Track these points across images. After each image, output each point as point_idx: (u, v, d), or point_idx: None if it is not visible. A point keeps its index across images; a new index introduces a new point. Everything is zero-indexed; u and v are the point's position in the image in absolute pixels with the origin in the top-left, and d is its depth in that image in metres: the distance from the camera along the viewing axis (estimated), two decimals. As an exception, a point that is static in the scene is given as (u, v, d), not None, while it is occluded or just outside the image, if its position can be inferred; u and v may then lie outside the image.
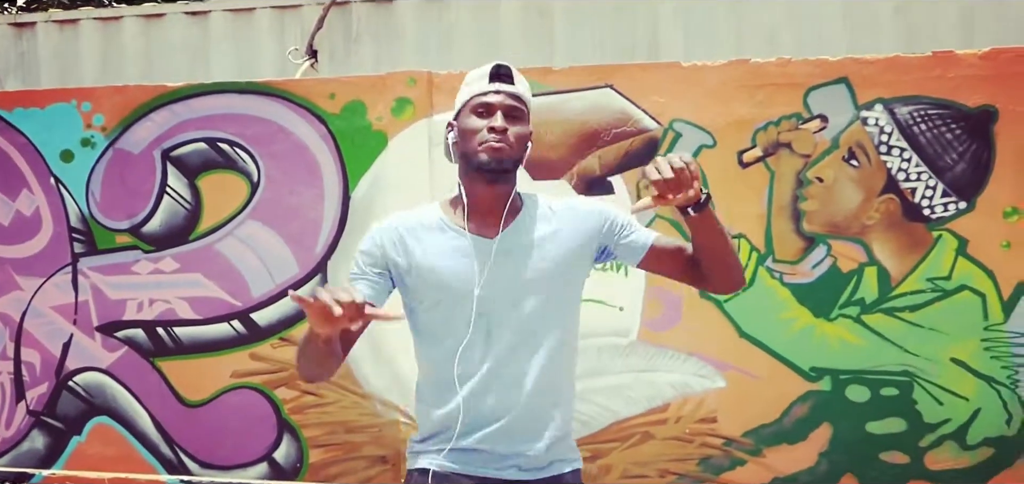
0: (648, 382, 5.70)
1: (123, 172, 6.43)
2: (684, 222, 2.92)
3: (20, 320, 6.66)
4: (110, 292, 6.50)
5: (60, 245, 6.57)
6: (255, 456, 6.35)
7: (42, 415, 6.67)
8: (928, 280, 5.37)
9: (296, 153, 6.15)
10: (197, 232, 6.33)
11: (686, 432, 5.69)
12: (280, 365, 6.24)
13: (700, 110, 5.57)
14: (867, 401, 5.49)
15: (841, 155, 5.43)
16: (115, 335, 6.51)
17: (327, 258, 6.13)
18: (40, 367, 6.66)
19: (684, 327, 5.65)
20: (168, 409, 6.48)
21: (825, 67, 5.44)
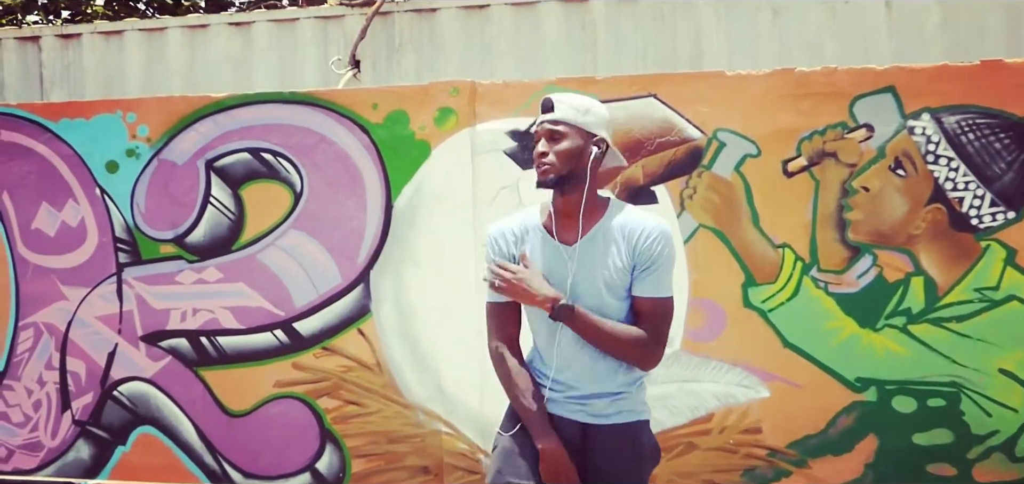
0: (691, 392, 5.86)
1: (167, 182, 6.71)
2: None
3: (66, 330, 6.95)
4: (154, 302, 6.77)
5: (105, 255, 6.85)
6: (298, 466, 6.58)
7: (87, 425, 6.96)
8: (976, 290, 5.49)
9: (339, 163, 6.39)
10: (240, 242, 6.59)
11: (730, 443, 5.84)
12: (322, 374, 6.46)
13: (745, 119, 5.73)
14: (914, 412, 5.61)
15: (887, 164, 5.57)
16: (159, 345, 6.78)
17: (370, 268, 6.36)
18: (85, 377, 6.94)
19: (727, 337, 5.80)
20: (211, 419, 6.74)
21: (871, 76, 5.58)
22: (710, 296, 5.79)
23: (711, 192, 5.77)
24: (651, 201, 5.85)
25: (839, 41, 7.09)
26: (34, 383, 7.06)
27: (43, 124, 6.94)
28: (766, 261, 5.73)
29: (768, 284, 5.74)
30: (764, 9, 7.38)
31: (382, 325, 6.34)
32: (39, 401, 7.05)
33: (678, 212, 5.83)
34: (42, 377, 7.03)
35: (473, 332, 6.12)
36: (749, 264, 5.75)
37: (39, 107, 7.08)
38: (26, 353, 7.05)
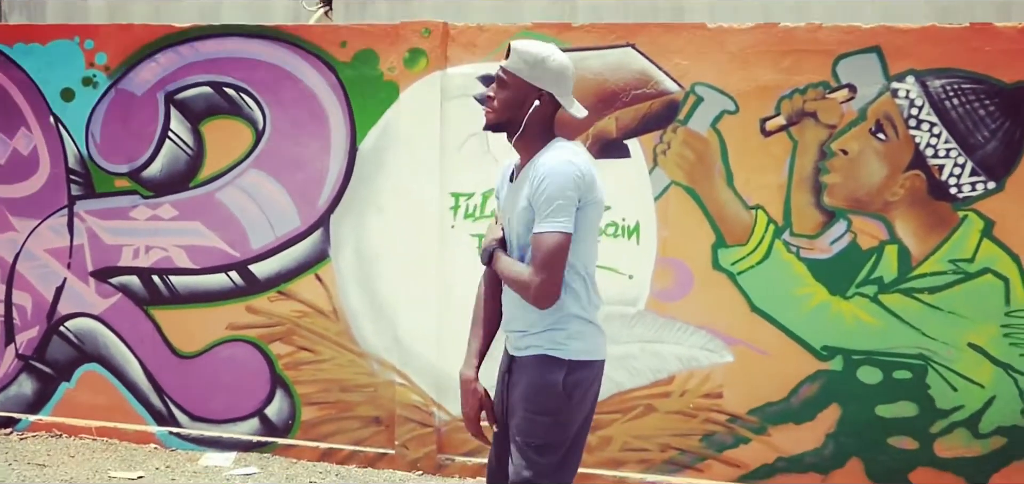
0: (654, 353, 5.90)
1: (125, 114, 6.71)
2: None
3: (13, 262, 6.96)
4: (106, 237, 6.79)
5: (57, 187, 6.86)
6: (247, 411, 6.62)
7: (31, 359, 6.98)
8: (950, 261, 5.53)
9: (304, 101, 6.40)
10: (198, 179, 6.60)
11: (690, 407, 5.88)
12: (276, 319, 6.48)
13: (723, 74, 5.75)
14: (879, 383, 5.65)
15: (868, 127, 5.59)
16: (109, 281, 6.79)
17: (330, 212, 6.38)
18: (31, 311, 6.96)
19: (694, 299, 5.84)
20: (160, 359, 6.76)
21: (857, 35, 5.59)
22: (679, 255, 5.83)
23: (685, 148, 5.79)
24: (623, 155, 5.88)
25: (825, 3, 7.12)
26: (-23, 314, 7.06)
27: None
28: (738, 222, 5.75)
29: (739, 246, 5.76)
30: None
31: (340, 271, 6.36)
32: (-18, 333, 7.06)
33: (650, 167, 5.85)
34: (-14, 309, 7.03)
35: (434, 282, 6.14)
36: (720, 224, 5.77)
37: (-8, 29, 7.08)
38: (-31, 283, 7.04)
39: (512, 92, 3.49)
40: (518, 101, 3.49)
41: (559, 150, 3.44)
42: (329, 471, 6.34)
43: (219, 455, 6.56)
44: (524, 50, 3.50)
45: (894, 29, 5.55)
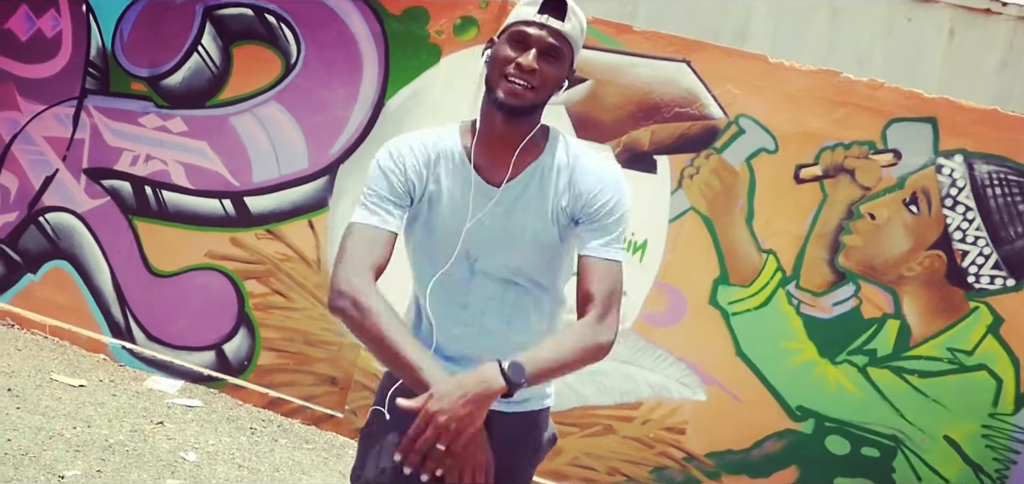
0: (626, 375, 6.04)
1: (159, 19, 7.00)
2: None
3: (8, 143, 7.22)
4: (109, 137, 7.05)
5: (72, 76, 7.14)
6: (206, 342, 6.78)
7: (3, 243, 7.18)
8: (949, 349, 5.68)
9: (342, 45, 6.66)
10: (216, 100, 6.87)
11: (650, 437, 6.00)
12: (259, 257, 6.66)
13: (771, 111, 5.94)
14: (844, 455, 5.77)
15: (903, 197, 5.77)
16: (101, 182, 7.03)
17: (341, 161, 6.62)
18: (14, 195, 7.21)
19: (682, 329, 6.00)
20: (132, 272, 6.97)
21: (916, 102, 5.80)
22: (678, 283, 6.00)
23: (714, 177, 5.99)
24: (650, 170, 6.07)
25: (889, 57, 7.32)
26: (-39, 187, 7.29)
27: (45, -78, 7.21)
28: (746, 263, 5.93)
29: (740, 286, 5.93)
30: (822, 7, 7.65)
31: (335, 223, 6.57)
32: (-41, 206, 7.27)
33: (673, 188, 6.04)
34: (-30, 183, 7.27)
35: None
36: (728, 261, 5.95)
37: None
38: (-39, 154, 7.28)
39: (563, 68, 2.80)
40: (560, 81, 2.81)
41: (594, 149, 2.94)
42: (272, 420, 6.48)
43: (166, 380, 6.70)
44: (580, 14, 2.84)
45: (955, 104, 5.74)
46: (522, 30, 2.73)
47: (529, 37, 2.73)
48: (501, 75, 2.72)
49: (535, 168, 2.83)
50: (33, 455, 5.10)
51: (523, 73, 2.70)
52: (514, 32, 2.75)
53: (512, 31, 2.75)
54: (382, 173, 2.81)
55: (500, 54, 2.75)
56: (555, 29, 2.74)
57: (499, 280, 2.87)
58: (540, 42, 2.72)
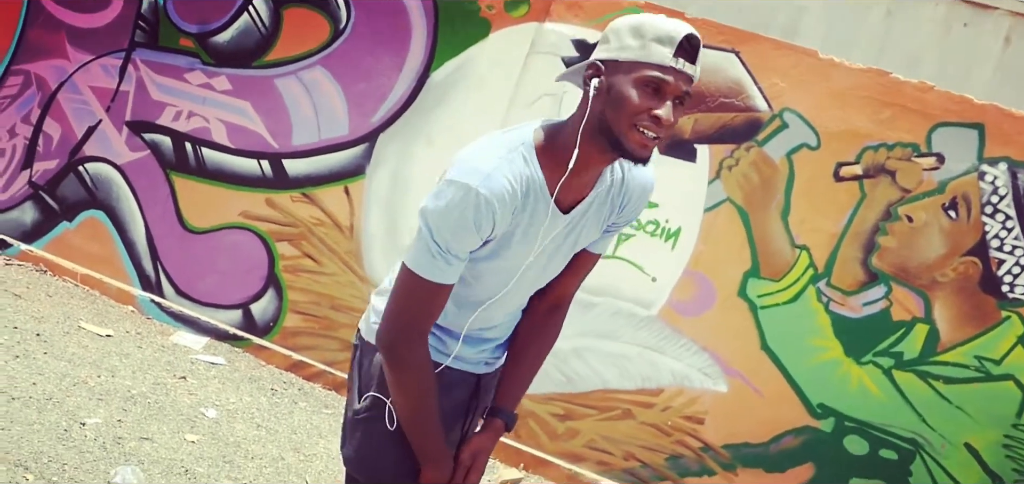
0: (650, 361, 6.21)
1: (214, -19, 7.27)
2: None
3: (55, 89, 7.54)
4: (154, 91, 7.35)
5: (122, 28, 7.44)
6: (233, 301, 7.04)
7: (42, 190, 7.50)
8: (976, 357, 5.78)
9: (391, 13, 6.88)
10: (262, 60, 7.12)
11: (668, 424, 6.15)
12: (292, 219, 6.90)
13: (817, 108, 6.07)
14: (862, 456, 5.87)
15: (942, 201, 5.88)
16: (142, 135, 7.32)
17: (381, 130, 6.84)
18: (57, 142, 7.53)
19: (709, 319, 6.15)
20: (166, 226, 7.25)
21: (965, 106, 5.89)
22: (708, 273, 6.16)
23: (753, 170, 6.14)
24: (689, 158, 6.23)
25: (942, 61, 7.38)
26: (4, 131, 7.64)
27: None
28: (779, 257, 6.07)
29: (771, 280, 6.07)
30: (877, 6, 7.75)
31: (370, 191, 6.80)
32: (3, 150, 7.62)
33: (711, 178, 6.20)
34: (15, 128, 7.63)
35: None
36: (760, 254, 6.09)
37: None
38: (8, 99, 7.66)
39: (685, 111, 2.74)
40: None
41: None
42: (292, 383, 6.70)
43: (191, 336, 6.97)
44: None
45: (1003, 112, 5.84)
46: (659, 78, 2.51)
47: (666, 87, 2.52)
48: (631, 125, 2.53)
49: (598, 188, 2.77)
50: (57, 400, 5.31)
51: (659, 126, 2.52)
52: (650, 79, 2.52)
53: (647, 77, 2.52)
54: (473, 229, 2.58)
55: (630, 100, 2.52)
56: (689, 76, 2.55)
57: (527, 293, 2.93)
58: (677, 92, 2.53)
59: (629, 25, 2.57)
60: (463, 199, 2.52)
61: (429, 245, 2.58)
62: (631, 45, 2.54)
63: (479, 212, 2.53)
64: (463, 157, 2.60)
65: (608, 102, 2.55)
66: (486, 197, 2.53)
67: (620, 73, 2.55)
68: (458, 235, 2.56)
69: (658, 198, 6.12)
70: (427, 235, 2.58)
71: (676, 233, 6.22)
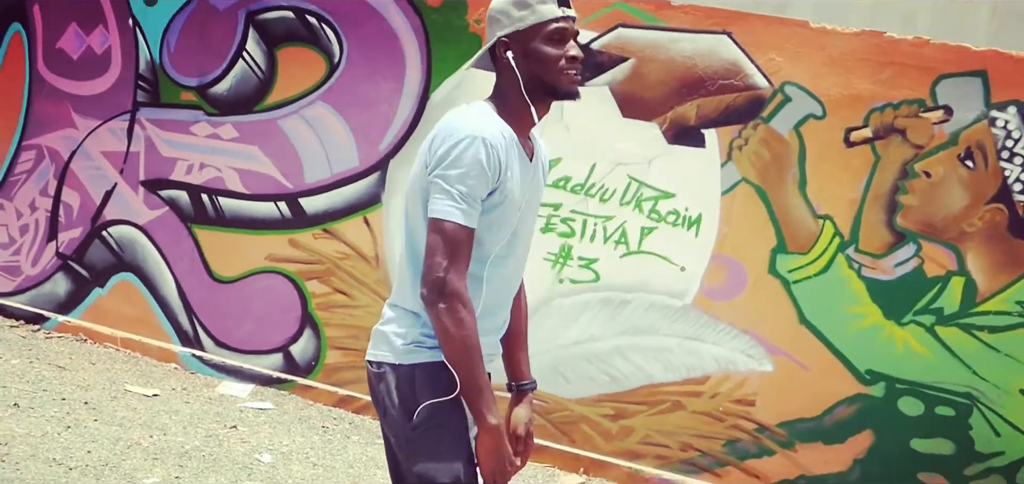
0: (690, 350, 5.97)
1: (203, 28, 6.99)
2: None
3: (67, 160, 7.28)
4: (163, 148, 7.07)
5: (124, 90, 7.16)
6: (273, 345, 6.80)
7: (70, 259, 7.26)
8: (1017, 303, 5.52)
9: (384, 41, 6.60)
10: (264, 104, 6.84)
11: (719, 410, 5.92)
12: (318, 256, 6.64)
13: (817, 77, 5.81)
14: (919, 416, 5.64)
15: (957, 153, 5.60)
16: (158, 193, 7.05)
17: (390, 156, 6.56)
18: (77, 211, 7.27)
19: (744, 301, 5.90)
20: (195, 279, 6.99)
21: (964, 56, 5.62)
22: (735, 255, 5.90)
23: (763, 147, 5.87)
24: (698, 144, 5.97)
25: (935, 15, 7.09)
26: (26, 207, 7.41)
27: (89, -58, 7.25)
28: (803, 229, 5.81)
29: (799, 254, 5.81)
30: None
31: (390, 217, 6.53)
32: (27, 226, 7.38)
33: (723, 161, 5.94)
34: (35, 202, 7.39)
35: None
36: (784, 229, 5.83)
37: (86, -78, 7.38)
38: (24, 174, 7.41)
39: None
40: None
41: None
42: (342, 418, 6.49)
43: (237, 385, 6.75)
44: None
45: (1004, 55, 5.56)
46: (561, 27, 2.89)
47: (566, 32, 2.90)
48: (558, 71, 2.88)
49: (536, 148, 3.08)
50: (113, 465, 5.17)
51: (576, 63, 2.90)
52: (553, 31, 2.88)
53: (550, 31, 2.88)
54: (483, 170, 2.81)
55: (549, 53, 2.88)
56: (573, 17, 2.93)
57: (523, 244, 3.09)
58: (573, 32, 2.92)
59: (511, 2, 2.92)
60: (475, 148, 2.78)
61: (454, 195, 2.78)
62: (524, 15, 2.90)
63: (489, 155, 2.79)
64: (456, 124, 2.86)
65: (531, 63, 2.89)
66: (491, 141, 2.80)
67: (528, 39, 2.89)
68: (479, 179, 2.78)
69: (674, 187, 5.99)
70: (453, 187, 2.77)
71: (697, 220, 5.96)
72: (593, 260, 6.09)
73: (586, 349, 6.08)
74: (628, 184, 6.05)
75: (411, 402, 2.89)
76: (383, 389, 2.98)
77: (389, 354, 2.96)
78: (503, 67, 2.96)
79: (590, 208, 6.11)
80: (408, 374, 2.91)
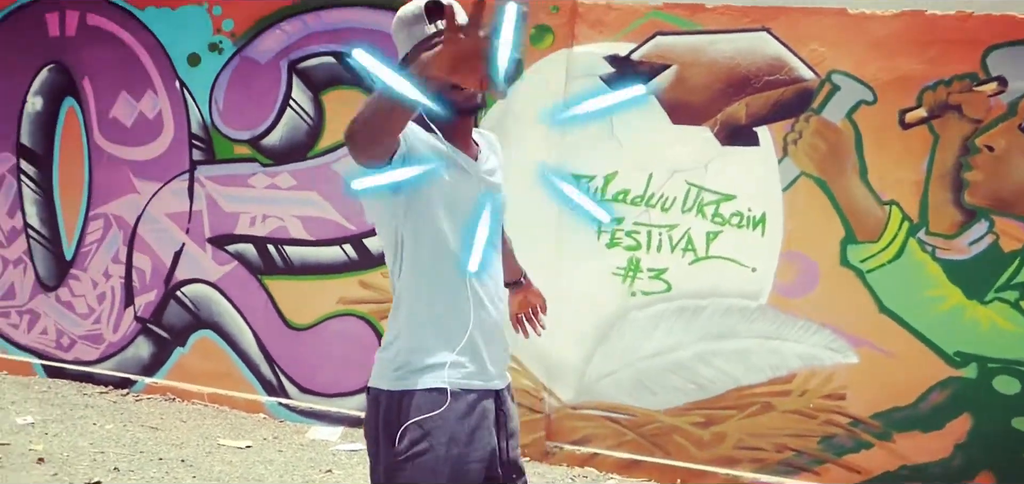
0: (773, 350, 5.81)
1: (248, 81, 6.90)
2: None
3: (134, 225, 7.24)
4: (225, 204, 7.00)
5: (179, 151, 7.10)
6: (356, 386, 6.70)
7: (149, 322, 7.23)
8: (1100, 267, 5.34)
9: (425, 74, 6.39)
10: (316, 149, 6.74)
11: (810, 407, 5.77)
12: (388, 295, 6.48)
13: (863, 63, 5.62)
14: (1017, 394, 5.46)
15: (1018, 123, 5.40)
16: (226, 248, 7.00)
17: (447, 187, 6.35)
18: (150, 274, 7.23)
19: (819, 295, 5.73)
20: (272, 329, 6.94)
21: (1011, 24, 5.41)
22: (804, 250, 5.73)
23: (818, 138, 5.69)
24: (752, 142, 5.80)
25: None
26: (100, 275, 7.38)
27: (130, 10, 7.15)
28: (870, 218, 5.63)
29: (869, 242, 5.63)
30: None
31: (455, 247, 6.36)
32: (103, 294, 7.36)
33: (780, 157, 5.76)
34: (108, 270, 7.35)
35: (548, 265, 6.10)
36: (851, 219, 5.65)
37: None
38: (94, 244, 7.38)
39: None
40: None
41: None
42: (433, 449, 6.36)
43: (326, 428, 6.70)
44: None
45: (1056, 19, 5.32)
46: (437, 42, 2.76)
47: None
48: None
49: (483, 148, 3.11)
50: None
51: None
52: (432, 46, 2.76)
53: (430, 46, 2.79)
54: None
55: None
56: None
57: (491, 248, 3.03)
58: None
59: (396, 26, 2.94)
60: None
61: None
62: (406, 36, 2.92)
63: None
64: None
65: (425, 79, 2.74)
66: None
67: (416, 59, 2.79)
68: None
69: (733, 189, 5.84)
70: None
71: (761, 220, 5.81)
72: (662, 270, 5.95)
73: (667, 359, 5.95)
74: (687, 190, 5.90)
75: (393, 427, 2.88)
76: (374, 415, 3.00)
77: (381, 381, 3.01)
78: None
79: (653, 218, 5.97)
80: (397, 401, 2.91)
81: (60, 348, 7.46)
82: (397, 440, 2.86)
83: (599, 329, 6.06)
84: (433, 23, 2.88)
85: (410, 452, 2.83)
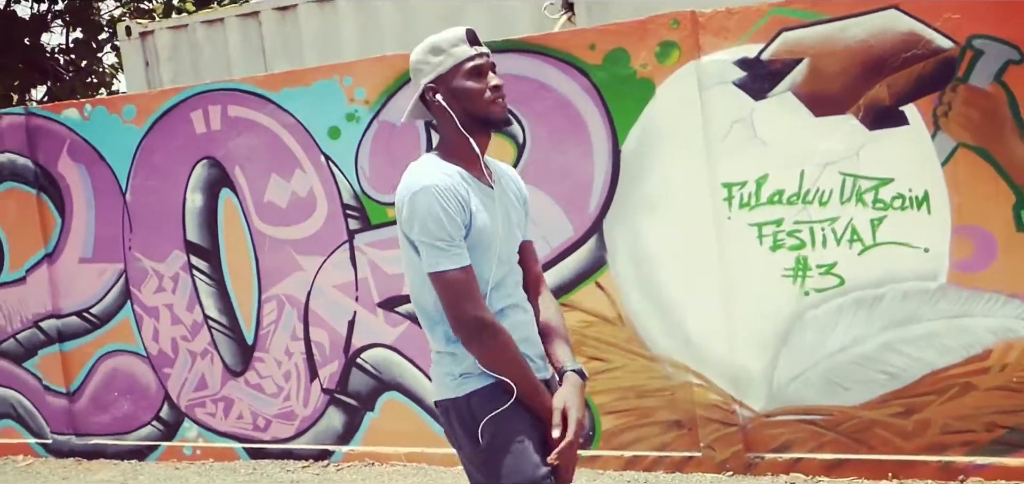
0: (962, 328, 5.57)
1: (388, 144, 6.92)
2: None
3: (306, 300, 7.35)
4: (387, 266, 7.05)
5: (335, 223, 7.18)
6: (545, 425, 6.65)
7: (336, 392, 7.37)
8: None
9: (560, 110, 6.39)
10: (467, 200, 6.62)
11: (1014, 381, 5.49)
12: (561, 331, 6.45)
13: (1003, 22, 5.29)
14: None
15: None
16: (396, 310, 7.05)
17: (602, 217, 6.37)
18: (329, 345, 7.35)
19: (1001, 266, 5.47)
20: (454, 382, 6.88)
21: None
22: (977, 222, 5.47)
23: (969, 107, 5.40)
24: (900, 122, 5.56)
25: None
26: (282, 354, 7.53)
27: (265, 96, 7.23)
28: (1039, 178, 5.37)
29: (1045, 203, 5.38)
30: None
31: (619, 276, 6.35)
32: (289, 372, 7.52)
33: (932, 132, 5.50)
34: (288, 348, 7.49)
35: (717, 277, 6.02)
36: (1020, 183, 5.36)
37: (260, 79, 7.43)
38: (272, 325, 7.53)
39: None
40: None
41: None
42: (637, 479, 6.39)
43: (523, 469, 6.64)
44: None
45: None
46: (477, 64, 3.22)
47: (483, 66, 3.22)
48: (485, 102, 3.19)
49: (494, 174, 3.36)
50: None
51: (500, 92, 3.22)
52: (471, 69, 3.21)
53: (468, 69, 3.20)
54: (445, 211, 3.08)
55: (473, 88, 3.19)
56: (486, 51, 3.25)
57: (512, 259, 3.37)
58: (491, 65, 3.25)
59: (428, 49, 3.24)
60: (431, 197, 3.07)
61: (437, 246, 3.07)
62: (442, 59, 3.21)
63: (445, 198, 3.07)
64: (407, 183, 3.20)
65: (459, 100, 3.19)
66: (440, 187, 3.08)
67: (450, 80, 3.20)
68: (446, 220, 3.07)
69: (890, 172, 5.59)
70: (432, 241, 3.07)
71: (924, 198, 5.56)
72: (832, 264, 5.77)
73: (853, 353, 5.78)
74: (842, 180, 5.69)
75: (473, 426, 3.17)
76: (449, 424, 3.30)
77: (445, 392, 3.28)
78: (438, 110, 3.24)
79: (812, 214, 5.78)
80: (465, 403, 3.21)
81: (257, 429, 7.64)
82: (479, 438, 3.15)
83: (778, 333, 5.93)
84: (473, 45, 3.21)
85: (496, 443, 3.14)
